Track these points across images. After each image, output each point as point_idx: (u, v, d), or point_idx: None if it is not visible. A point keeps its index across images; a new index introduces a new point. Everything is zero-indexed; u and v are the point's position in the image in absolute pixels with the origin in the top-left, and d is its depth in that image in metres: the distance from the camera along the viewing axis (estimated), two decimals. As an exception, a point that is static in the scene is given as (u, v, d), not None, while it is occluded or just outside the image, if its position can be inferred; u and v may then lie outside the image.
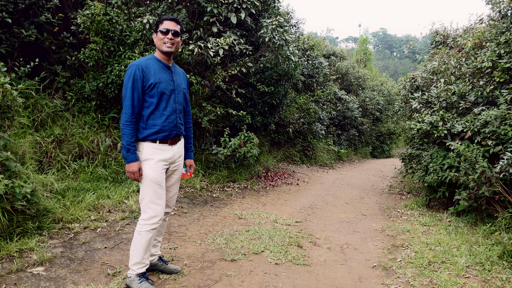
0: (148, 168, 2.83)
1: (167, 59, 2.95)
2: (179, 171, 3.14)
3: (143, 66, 2.79)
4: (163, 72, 2.89)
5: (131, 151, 2.76)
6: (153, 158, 2.85)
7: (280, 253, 4.05)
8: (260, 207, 6.16)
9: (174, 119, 2.92)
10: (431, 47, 9.13)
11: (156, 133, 2.84)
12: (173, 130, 2.92)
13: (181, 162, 3.13)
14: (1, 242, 3.42)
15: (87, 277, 3.23)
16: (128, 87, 2.76)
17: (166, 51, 2.87)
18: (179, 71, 3.10)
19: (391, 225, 5.64)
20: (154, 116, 2.84)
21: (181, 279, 3.31)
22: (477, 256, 4.06)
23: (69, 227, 4.09)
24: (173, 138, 2.96)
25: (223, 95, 7.53)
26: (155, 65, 2.86)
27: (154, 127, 2.83)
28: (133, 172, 2.77)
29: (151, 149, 2.85)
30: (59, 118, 5.78)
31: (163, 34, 2.85)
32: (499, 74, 5.48)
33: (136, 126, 2.80)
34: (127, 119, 2.75)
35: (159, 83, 2.81)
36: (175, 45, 2.89)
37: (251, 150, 6.92)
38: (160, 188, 2.88)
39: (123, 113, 2.76)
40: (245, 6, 6.75)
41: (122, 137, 2.76)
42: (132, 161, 2.76)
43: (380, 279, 3.63)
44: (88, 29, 5.91)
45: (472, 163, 5.05)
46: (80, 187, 5.00)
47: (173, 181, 3.15)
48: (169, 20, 2.87)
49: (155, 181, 2.85)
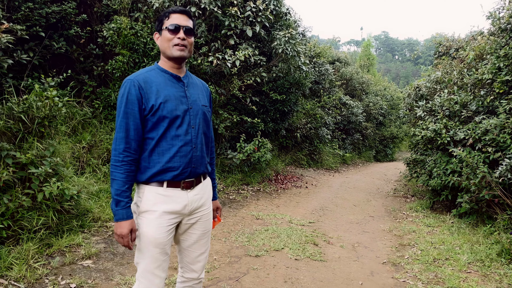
0: (146, 224, 1.96)
1: (177, 68, 2.07)
2: (202, 223, 2.17)
3: (141, 81, 1.95)
4: (171, 86, 2.03)
5: (121, 203, 1.89)
6: (155, 210, 1.97)
7: (299, 250, 4.46)
8: (275, 208, 6.58)
9: (188, 152, 2.02)
10: (434, 57, 9.56)
11: (162, 172, 1.97)
12: (187, 167, 2.02)
13: (205, 212, 2.18)
14: (52, 238, 3.84)
15: (131, 269, 3.65)
16: (120, 113, 1.94)
17: (177, 57, 2.00)
18: (195, 83, 2.20)
19: (398, 226, 6.03)
20: (160, 149, 1.97)
21: (214, 272, 3.73)
22: (478, 254, 4.45)
23: (106, 226, 4.51)
24: (188, 180, 2.05)
25: (237, 102, 7.96)
26: (159, 78, 2.01)
27: (159, 165, 1.97)
28: (121, 235, 1.89)
29: (154, 196, 1.98)
30: (88, 125, 6.21)
31: (171, 33, 1.98)
32: (498, 85, 5.89)
33: (133, 167, 1.94)
34: (118, 158, 1.91)
35: (164, 103, 1.96)
36: (188, 47, 2.03)
37: (264, 155, 7.34)
38: (161, 254, 1.99)
39: (113, 149, 1.93)
40: (259, 20, 7.19)
41: (111, 184, 1.92)
42: (122, 219, 1.89)
43: (390, 274, 4.04)
44: (115, 42, 6.34)
45: (473, 168, 5.45)
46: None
47: (195, 239, 2.16)
48: (179, 13, 2.01)
49: (155, 243, 1.96)
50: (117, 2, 6.58)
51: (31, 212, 3.75)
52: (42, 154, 4.02)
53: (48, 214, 3.85)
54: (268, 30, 8.08)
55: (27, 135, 4.13)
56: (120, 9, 6.67)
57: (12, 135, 4.04)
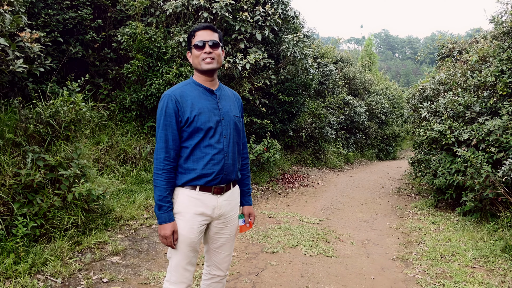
0: (179, 224, 2.18)
1: (210, 80, 2.27)
2: (230, 227, 2.38)
3: (177, 96, 2.16)
4: (205, 99, 2.22)
5: (163, 208, 2.11)
6: (187, 212, 2.18)
7: (312, 247, 4.68)
8: (285, 207, 6.80)
9: (220, 160, 2.20)
10: (438, 58, 9.77)
11: (197, 179, 2.17)
12: (219, 174, 2.20)
13: (232, 217, 2.38)
14: (81, 236, 4.06)
15: (156, 265, 3.87)
16: (160, 125, 2.15)
17: (207, 69, 2.20)
18: (227, 94, 2.39)
19: (404, 223, 6.26)
20: (194, 157, 2.17)
21: (234, 267, 3.95)
22: (483, 250, 4.67)
23: (128, 224, 4.73)
24: (219, 186, 2.24)
25: (247, 104, 8.17)
26: (194, 92, 2.22)
27: (194, 172, 2.17)
28: (165, 236, 2.12)
29: (187, 199, 2.19)
30: (105, 127, 6.43)
31: (198, 49, 2.19)
32: (501, 87, 6.10)
33: (172, 175, 2.16)
34: (159, 166, 2.12)
35: (198, 116, 2.15)
36: (216, 59, 2.21)
37: (274, 155, 7.56)
38: (192, 251, 2.22)
39: (155, 158, 2.15)
40: (268, 24, 7.41)
41: (154, 190, 2.15)
42: (165, 222, 2.12)
43: (400, 269, 4.26)
44: (130, 47, 6.56)
45: (477, 168, 5.67)
46: (129, 189, 5.64)
47: (223, 241, 2.37)
48: (203, 30, 2.22)
49: (187, 242, 2.18)
50: (131, 7, 6.79)
51: (61, 211, 3.97)
52: (69, 157, 4.24)
53: (77, 213, 4.08)
54: (276, 33, 8.29)
55: (54, 139, 4.35)
56: (134, 14, 6.88)
57: (41, 139, 4.26)
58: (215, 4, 6.76)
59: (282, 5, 7.85)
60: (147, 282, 3.50)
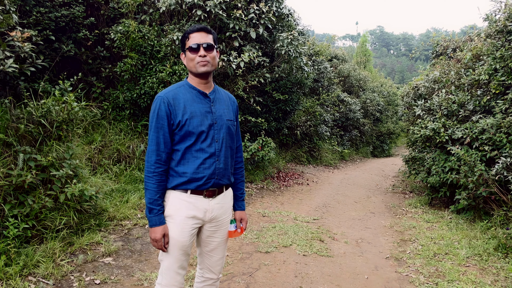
0: (170, 227, 2.15)
1: (204, 83, 2.23)
2: (222, 231, 2.35)
3: (170, 98, 2.13)
4: (198, 102, 2.19)
5: (154, 211, 2.10)
6: (179, 215, 2.16)
7: (306, 246, 4.68)
8: (279, 205, 6.80)
9: (211, 164, 2.18)
10: (432, 56, 9.78)
11: (187, 182, 2.15)
12: (210, 179, 2.18)
13: (224, 221, 2.35)
14: (73, 237, 4.03)
15: (149, 266, 3.86)
16: (152, 127, 2.13)
17: (202, 72, 2.15)
18: (222, 98, 2.34)
19: (398, 222, 6.28)
20: (185, 161, 2.15)
21: (228, 267, 3.94)
22: (476, 249, 4.69)
23: (121, 224, 4.71)
24: (211, 189, 2.22)
25: (241, 102, 8.15)
26: (187, 95, 2.18)
27: (185, 175, 2.15)
28: (156, 239, 2.09)
29: (178, 202, 2.17)
30: (98, 126, 6.38)
31: (193, 52, 2.15)
32: (495, 86, 6.12)
33: (163, 177, 2.14)
34: (150, 169, 2.10)
35: (190, 119, 2.12)
36: (211, 62, 2.17)
37: (268, 153, 7.55)
38: (183, 254, 2.19)
39: (146, 161, 2.13)
40: (262, 22, 7.37)
41: (145, 193, 2.14)
42: (155, 225, 2.09)
43: (394, 268, 4.27)
44: (123, 45, 6.50)
45: (471, 166, 5.69)
46: (122, 188, 5.60)
47: (215, 245, 2.35)
48: (197, 31, 2.16)
49: (178, 246, 2.16)
50: (124, 5, 6.73)
51: (53, 212, 3.94)
52: (61, 157, 4.20)
53: (69, 214, 4.04)
54: (271, 31, 8.26)
55: (46, 139, 4.31)
56: (127, 12, 6.82)
57: (32, 139, 4.21)
58: (209, 2, 6.72)
59: (276, 2, 7.82)
60: (140, 284, 3.48)
